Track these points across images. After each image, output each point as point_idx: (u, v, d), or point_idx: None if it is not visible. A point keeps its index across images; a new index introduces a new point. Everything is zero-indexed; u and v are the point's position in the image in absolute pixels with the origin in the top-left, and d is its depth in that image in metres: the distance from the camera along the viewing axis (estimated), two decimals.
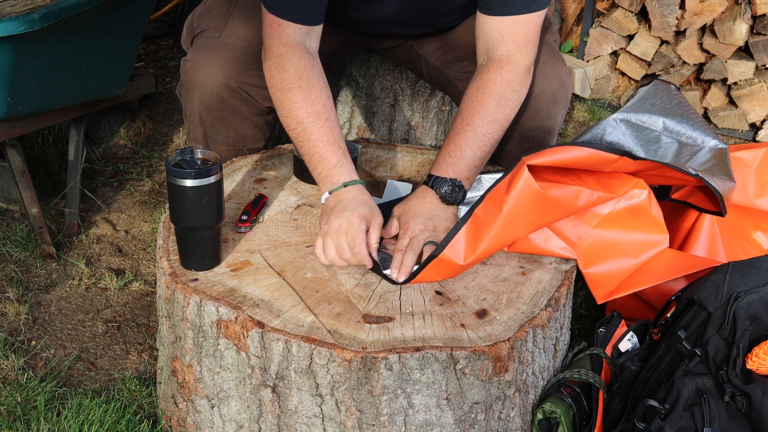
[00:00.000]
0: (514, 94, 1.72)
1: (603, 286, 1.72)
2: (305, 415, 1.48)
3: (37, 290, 2.23)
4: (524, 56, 1.71)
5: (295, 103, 1.66)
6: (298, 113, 1.66)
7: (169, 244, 1.65)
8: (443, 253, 1.53)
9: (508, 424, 1.57)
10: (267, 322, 1.45)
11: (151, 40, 3.65)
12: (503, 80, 1.70)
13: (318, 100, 1.66)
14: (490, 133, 1.70)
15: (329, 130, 1.66)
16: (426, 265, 1.55)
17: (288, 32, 1.66)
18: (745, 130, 3.23)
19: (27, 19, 1.95)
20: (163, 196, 2.64)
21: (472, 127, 1.68)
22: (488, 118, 1.69)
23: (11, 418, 1.77)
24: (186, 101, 1.95)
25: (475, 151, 1.69)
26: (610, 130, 1.95)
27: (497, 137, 1.72)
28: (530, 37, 1.71)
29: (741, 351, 1.47)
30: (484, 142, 1.69)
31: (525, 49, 1.71)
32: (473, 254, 1.54)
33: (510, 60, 1.71)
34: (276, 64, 1.67)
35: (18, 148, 2.24)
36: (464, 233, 1.54)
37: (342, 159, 1.65)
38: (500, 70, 1.70)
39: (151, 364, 1.99)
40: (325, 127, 1.65)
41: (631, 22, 3.27)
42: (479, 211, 1.54)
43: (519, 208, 1.52)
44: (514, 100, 1.72)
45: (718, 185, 1.66)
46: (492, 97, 1.69)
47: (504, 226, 1.53)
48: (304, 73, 1.66)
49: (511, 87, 1.70)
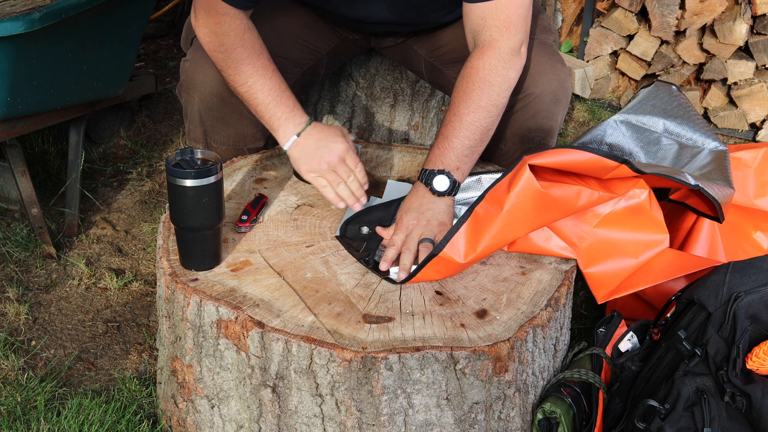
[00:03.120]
0: (499, 79, 1.70)
1: (603, 286, 1.72)
2: (305, 415, 1.48)
3: (37, 290, 2.23)
4: (507, 39, 1.70)
5: (242, 60, 1.69)
6: (246, 68, 1.70)
7: (169, 244, 1.65)
8: (443, 251, 1.53)
9: (508, 424, 1.57)
10: (267, 322, 1.45)
11: (151, 40, 3.65)
12: (485, 66, 1.70)
13: (262, 55, 1.71)
14: (477, 120, 1.69)
15: (279, 79, 1.72)
16: (426, 264, 1.55)
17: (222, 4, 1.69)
18: (745, 130, 3.23)
19: (27, 19, 1.96)
20: (163, 196, 2.64)
21: (458, 116, 1.69)
22: (473, 106, 1.69)
23: (11, 418, 1.77)
24: (186, 101, 1.95)
25: (462, 140, 1.68)
26: (610, 132, 1.95)
27: (486, 124, 1.71)
28: (513, 20, 1.70)
29: (741, 351, 1.47)
30: (471, 130, 1.69)
31: (508, 32, 1.70)
32: (473, 253, 1.54)
33: (492, 45, 1.70)
34: (214, 30, 1.70)
35: (18, 148, 2.24)
36: (464, 232, 1.54)
37: (297, 101, 1.72)
38: (482, 56, 1.71)
39: (151, 364, 1.99)
40: (275, 77, 1.71)
41: (631, 22, 3.27)
42: (480, 210, 1.54)
43: (520, 206, 1.52)
44: (499, 84, 1.71)
45: (717, 193, 1.66)
46: (476, 84, 1.69)
47: (504, 225, 1.53)
48: (245, 34, 1.71)
49: (494, 72, 1.70)
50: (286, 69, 1.78)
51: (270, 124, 1.72)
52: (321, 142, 1.69)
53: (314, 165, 1.68)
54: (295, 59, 2.01)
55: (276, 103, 1.70)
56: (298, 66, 2.03)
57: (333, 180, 1.68)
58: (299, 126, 1.70)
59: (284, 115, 1.70)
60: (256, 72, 1.70)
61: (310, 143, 1.69)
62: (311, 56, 2.06)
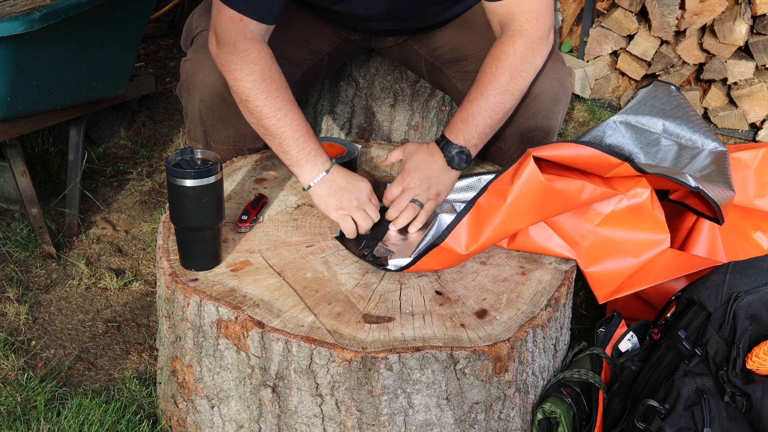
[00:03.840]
0: (527, 66, 1.76)
1: (605, 286, 1.72)
2: (305, 415, 1.48)
3: (37, 290, 2.23)
4: (537, 29, 1.75)
5: (272, 92, 1.69)
6: (275, 101, 1.70)
7: (169, 244, 1.65)
8: (445, 241, 1.53)
9: (508, 424, 1.57)
10: (267, 322, 1.45)
11: (151, 40, 3.65)
12: (516, 53, 1.75)
13: (288, 90, 1.73)
14: (501, 102, 1.76)
15: (303, 117, 1.74)
16: (426, 254, 1.55)
17: (251, 28, 1.69)
18: (745, 130, 3.23)
19: (27, 19, 1.95)
20: (163, 196, 2.64)
21: (485, 97, 1.75)
22: (501, 89, 1.75)
23: (11, 418, 1.77)
24: (186, 101, 1.95)
25: (485, 119, 1.75)
26: (609, 133, 1.95)
27: (509, 107, 1.78)
28: (541, 11, 1.75)
29: (741, 351, 1.47)
30: (495, 111, 1.76)
31: (537, 23, 1.75)
32: (475, 244, 1.55)
33: (523, 34, 1.75)
34: (243, 57, 1.69)
35: (18, 148, 2.24)
36: (467, 223, 1.54)
37: (318, 142, 1.74)
38: (513, 43, 1.75)
39: (151, 364, 1.99)
40: (301, 113, 1.73)
41: (631, 22, 3.27)
42: (482, 201, 1.54)
43: (523, 198, 1.52)
44: (527, 71, 1.77)
45: (717, 195, 1.66)
46: (506, 69, 1.75)
47: (507, 216, 1.54)
48: (272, 65, 1.71)
49: (524, 59, 1.75)
50: (286, 69, 1.78)
51: (296, 159, 1.71)
52: (349, 181, 1.72)
53: (345, 202, 1.70)
54: (295, 60, 2.01)
55: (305, 139, 1.70)
56: (298, 66, 2.03)
57: (360, 217, 1.69)
58: (326, 164, 1.72)
59: (312, 152, 1.71)
60: (285, 106, 1.70)
61: (339, 181, 1.71)
62: (311, 57, 2.06)
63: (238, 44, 1.68)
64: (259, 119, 1.71)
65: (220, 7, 1.69)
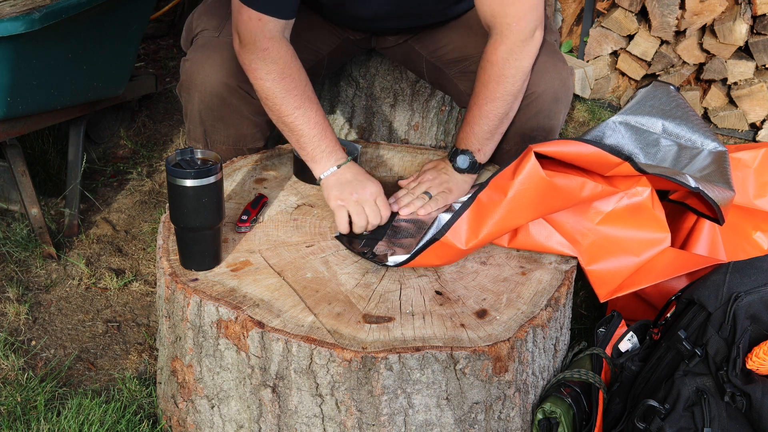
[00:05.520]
0: (513, 70, 1.77)
1: (606, 284, 1.72)
2: (305, 415, 1.48)
3: (37, 290, 2.23)
4: (518, 32, 1.75)
5: (290, 90, 1.73)
6: (294, 99, 1.73)
7: (169, 244, 1.65)
8: (445, 236, 1.54)
9: (508, 424, 1.57)
10: (267, 322, 1.45)
11: (151, 40, 3.65)
12: (498, 59, 1.77)
13: (308, 86, 1.77)
14: (494, 109, 1.80)
15: (323, 113, 1.78)
16: (426, 248, 1.55)
17: (270, 26, 1.71)
18: (745, 130, 3.23)
19: (27, 19, 1.95)
20: (163, 196, 2.64)
21: (478, 106, 1.81)
22: (490, 96, 1.79)
23: (11, 418, 1.77)
24: (186, 101, 1.95)
25: (482, 126, 1.81)
26: (609, 133, 1.95)
27: (503, 111, 1.81)
28: (522, 13, 1.75)
29: (741, 351, 1.47)
30: (489, 118, 1.81)
31: (518, 26, 1.75)
32: (475, 239, 1.55)
33: (503, 40, 1.76)
34: (263, 57, 1.72)
35: (18, 148, 2.24)
36: (467, 218, 1.54)
37: (335, 138, 1.78)
38: (495, 50, 1.77)
39: (151, 364, 1.99)
40: (320, 109, 1.77)
41: (631, 22, 3.27)
42: (483, 196, 1.54)
43: (524, 194, 1.52)
44: (514, 75, 1.78)
45: (717, 196, 1.66)
46: (491, 77, 1.78)
47: (507, 212, 1.54)
48: (292, 63, 1.74)
49: (507, 64, 1.76)
50: None
51: (312, 155, 1.75)
52: (357, 177, 1.74)
53: (345, 194, 1.71)
54: None
55: (321, 137, 1.74)
56: None
57: (355, 211, 1.70)
58: (341, 160, 1.76)
59: (328, 149, 1.75)
60: (303, 104, 1.73)
61: (347, 176, 1.74)
62: (312, 57, 2.06)
63: (258, 43, 1.71)
64: (278, 116, 1.75)
65: (239, 8, 1.71)
